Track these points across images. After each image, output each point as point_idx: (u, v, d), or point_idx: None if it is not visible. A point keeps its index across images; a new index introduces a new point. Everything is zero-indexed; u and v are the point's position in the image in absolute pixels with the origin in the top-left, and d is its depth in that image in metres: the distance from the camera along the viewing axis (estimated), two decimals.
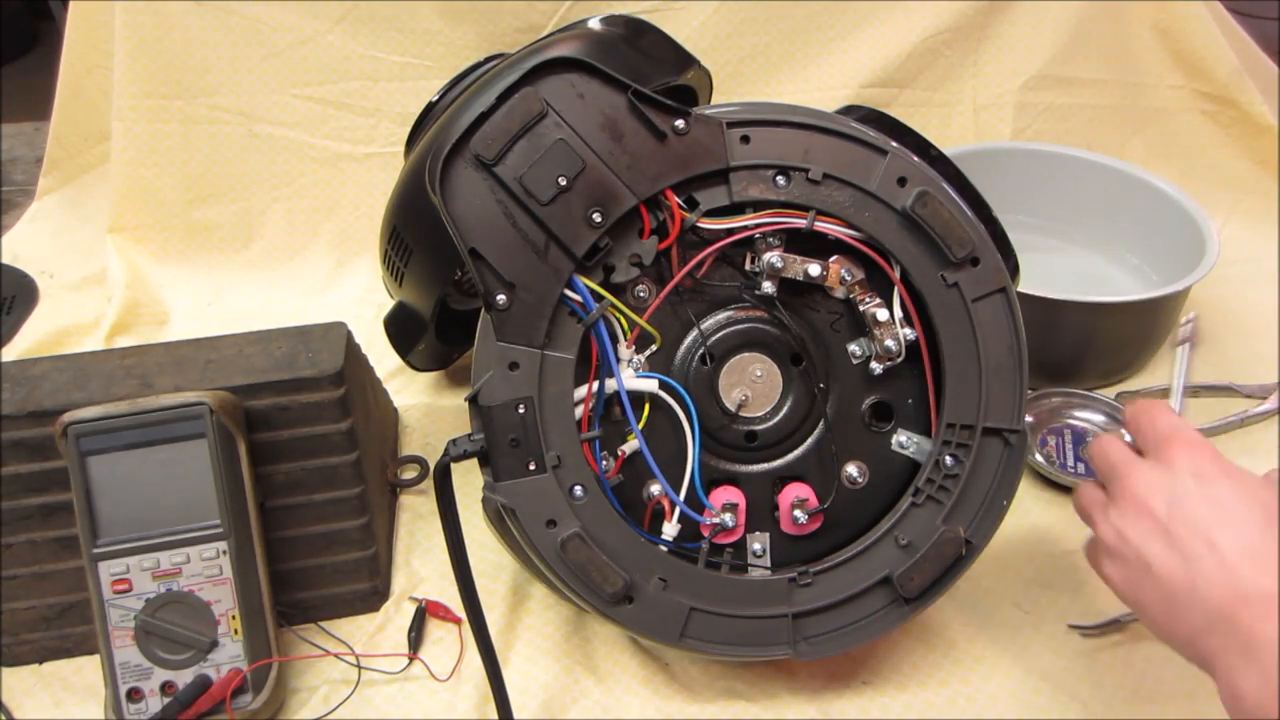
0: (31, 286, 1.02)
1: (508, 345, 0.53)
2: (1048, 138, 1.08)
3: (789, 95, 1.06)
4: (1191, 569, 0.46)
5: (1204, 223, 0.87)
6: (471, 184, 0.52)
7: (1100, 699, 0.61)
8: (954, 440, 0.58)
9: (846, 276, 0.57)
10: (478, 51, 1.00)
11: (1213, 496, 0.47)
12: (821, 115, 0.57)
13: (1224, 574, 0.45)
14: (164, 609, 0.58)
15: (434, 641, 0.66)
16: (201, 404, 0.58)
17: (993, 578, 0.69)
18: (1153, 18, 1.09)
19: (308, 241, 1.04)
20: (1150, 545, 0.48)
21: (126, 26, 0.99)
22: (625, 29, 0.72)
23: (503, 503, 0.54)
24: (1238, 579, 0.44)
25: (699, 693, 0.62)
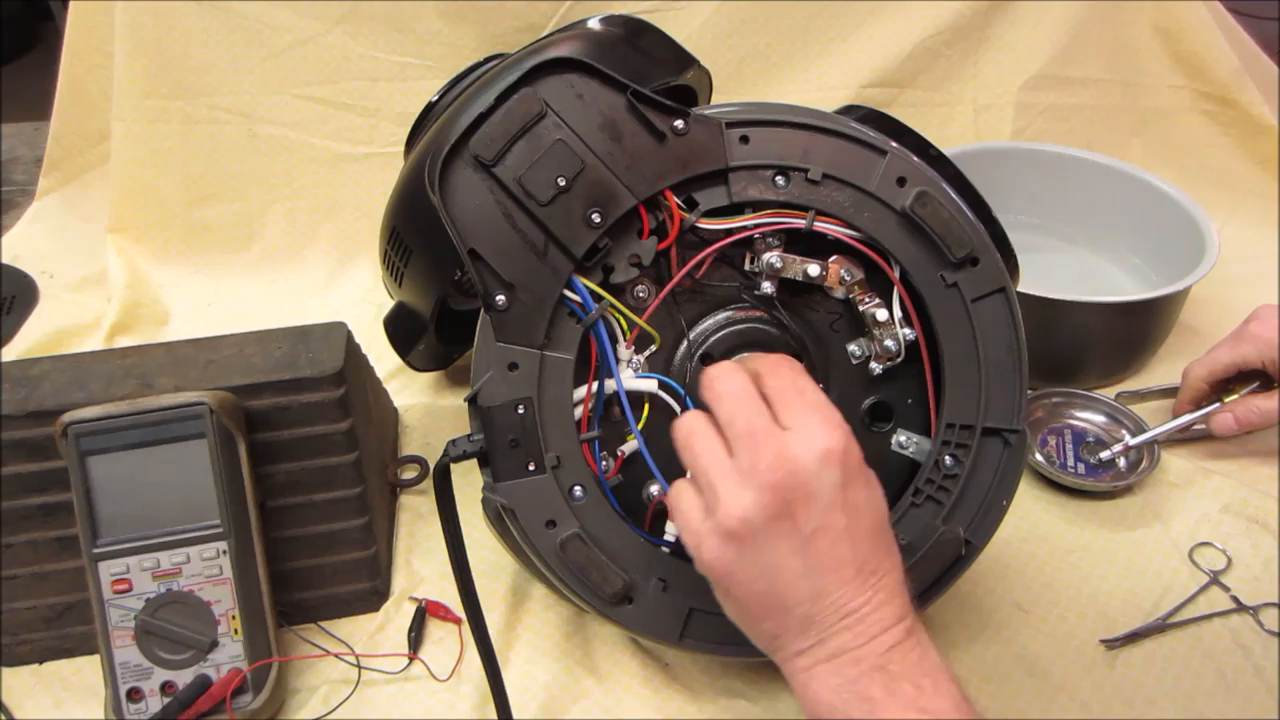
0: (31, 286, 1.02)
1: (507, 346, 0.53)
2: (1048, 138, 1.08)
3: (789, 95, 1.06)
4: (815, 580, 0.45)
5: (1204, 223, 0.87)
6: (471, 184, 0.52)
7: (1100, 699, 0.61)
8: (954, 440, 0.58)
9: (846, 276, 0.57)
10: (478, 51, 1.00)
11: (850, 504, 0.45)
12: (821, 115, 0.57)
13: (842, 591, 0.45)
14: (164, 609, 0.58)
15: (434, 641, 0.66)
16: (201, 404, 0.58)
17: (993, 578, 0.69)
18: (1153, 18, 1.09)
19: (308, 241, 1.04)
20: (782, 547, 0.45)
21: (126, 26, 0.99)
22: (625, 29, 0.72)
23: (502, 503, 0.54)
24: (850, 595, 0.45)
25: (699, 693, 0.62)
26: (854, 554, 0.45)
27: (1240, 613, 0.66)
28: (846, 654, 0.45)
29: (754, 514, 0.44)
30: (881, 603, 0.45)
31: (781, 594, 0.45)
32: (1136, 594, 0.68)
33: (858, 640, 0.45)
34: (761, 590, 0.45)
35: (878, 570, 0.46)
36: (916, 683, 0.44)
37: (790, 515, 0.44)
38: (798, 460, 0.45)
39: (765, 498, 0.44)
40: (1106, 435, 0.80)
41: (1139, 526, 0.73)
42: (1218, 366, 0.76)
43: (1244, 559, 0.70)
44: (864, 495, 0.46)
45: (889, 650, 0.45)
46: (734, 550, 0.45)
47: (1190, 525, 0.73)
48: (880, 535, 0.47)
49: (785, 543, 0.45)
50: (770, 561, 0.45)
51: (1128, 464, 0.77)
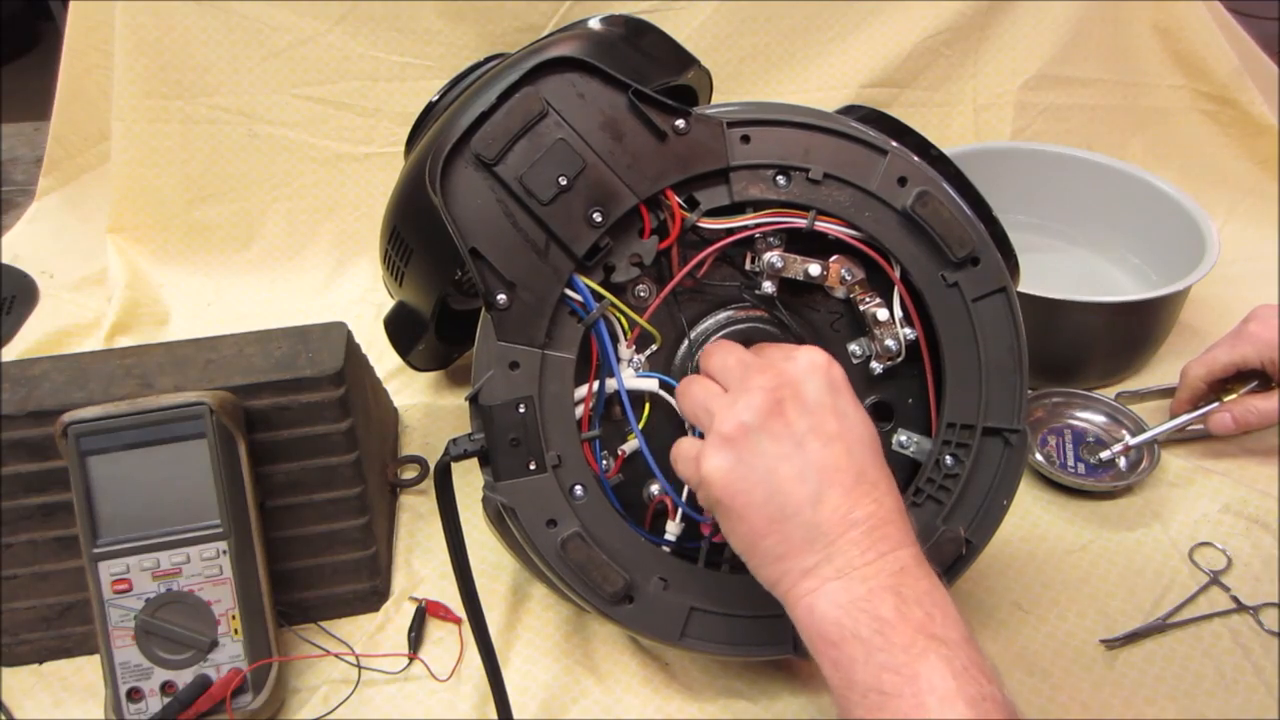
0: (31, 286, 1.02)
1: (508, 345, 0.53)
2: (1048, 138, 1.08)
3: (789, 95, 1.06)
4: (814, 483, 0.45)
5: (1204, 223, 0.87)
6: (472, 184, 0.52)
7: (1100, 699, 0.61)
8: (954, 440, 0.58)
9: (846, 276, 0.57)
10: (478, 51, 1.00)
11: (840, 411, 0.46)
12: (821, 115, 0.57)
13: (842, 497, 0.44)
14: (164, 609, 0.58)
15: (434, 641, 0.66)
16: (201, 404, 0.58)
17: (993, 578, 0.69)
18: (1153, 18, 1.09)
19: (308, 241, 1.04)
20: (779, 449, 0.45)
21: (126, 26, 0.99)
22: (625, 29, 0.72)
23: (503, 502, 0.54)
24: (850, 504, 0.44)
25: (699, 693, 0.62)
26: (850, 460, 0.45)
27: (1240, 613, 0.66)
28: (855, 571, 0.43)
29: (747, 415, 0.46)
30: (886, 519, 0.45)
31: (782, 500, 0.45)
32: (1136, 594, 0.68)
33: (866, 556, 0.44)
34: (762, 498, 0.45)
35: (878, 484, 0.46)
36: (928, 610, 0.42)
37: (782, 413, 0.46)
38: (786, 369, 0.47)
39: (757, 399, 0.46)
40: (1106, 435, 0.80)
41: (1139, 526, 0.73)
42: (1216, 366, 0.76)
43: (1244, 559, 0.70)
44: (853, 408, 0.47)
45: (899, 572, 0.43)
46: (732, 456, 0.46)
47: (1190, 525, 0.73)
48: (876, 453, 0.47)
49: (780, 443, 0.45)
50: (767, 464, 0.45)
51: (1128, 464, 0.77)
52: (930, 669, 0.40)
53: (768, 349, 0.52)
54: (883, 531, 0.44)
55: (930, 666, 0.40)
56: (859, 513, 0.44)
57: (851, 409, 0.47)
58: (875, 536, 0.44)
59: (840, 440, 0.46)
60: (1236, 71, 1.08)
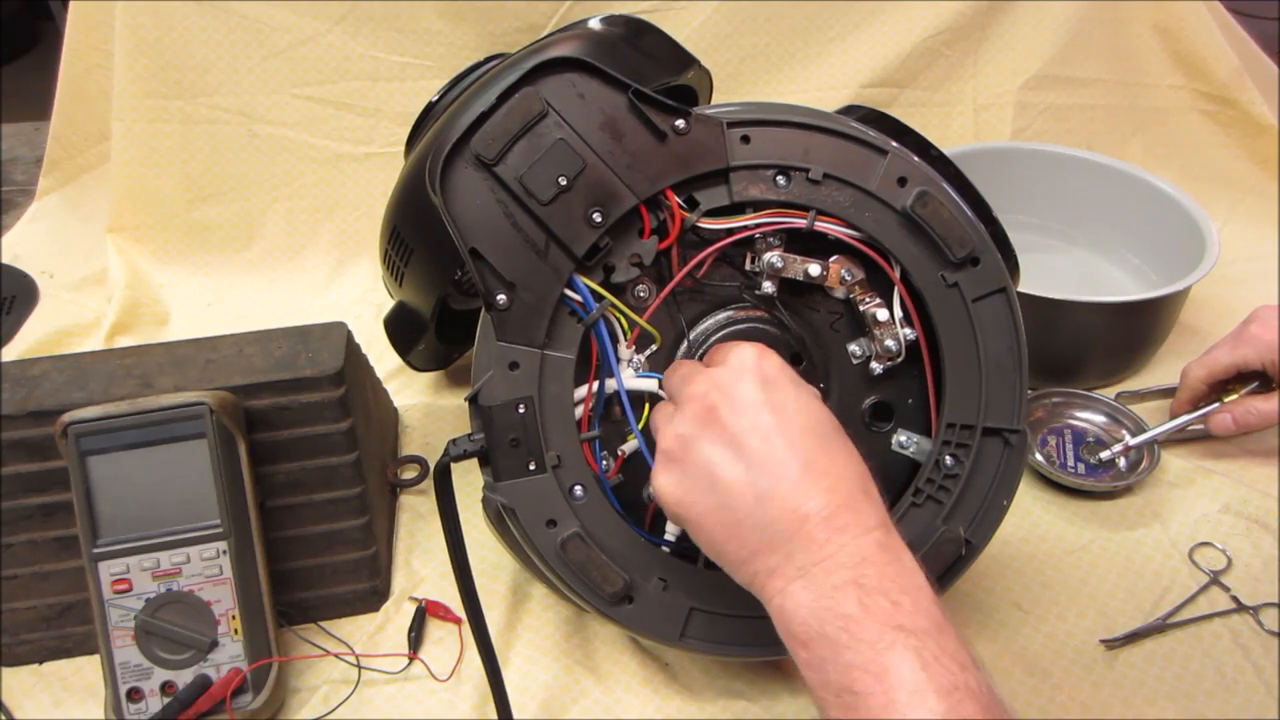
0: (31, 286, 1.02)
1: (508, 345, 0.53)
2: (1048, 138, 1.08)
3: (789, 95, 1.06)
4: (758, 483, 0.44)
5: (1204, 223, 0.87)
6: (472, 184, 0.52)
7: (1100, 699, 0.61)
8: (954, 440, 0.58)
9: (846, 276, 0.57)
10: (478, 51, 1.00)
11: (777, 404, 0.46)
12: (821, 115, 0.57)
13: (790, 490, 0.43)
14: (164, 609, 0.58)
15: (434, 641, 0.66)
16: (201, 404, 0.58)
17: (993, 578, 0.69)
18: (1153, 18, 1.09)
19: (308, 241, 1.04)
20: (716, 452, 0.45)
21: (126, 26, 0.99)
22: (625, 29, 0.72)
23: (503, 503, 0.54)
24: (799, 495, 0.43)
25: (699, 693, 0.62)
26: (793, 452, 0.44)
27: (1240, 613, 0.66)
28: (815, 566, 0.42)
29: (683, 427, 0.46)
30: (842, 504, 0.43)
31: (732, 505, 0.44)
32: (1136, 594, 0.68)
33: (825, 550, 0.42)
34: (712, 506, 0.45)
35: (828, 472, 0.44)
36: (894, 599, 0.41)
37: (715, 420, 0.46)
38: (715, 377, 0.47)
39: (689, 409, 0.47)
40: (1106, 435, 0.80)
41: (1139, 526, 0.73)
42: (1217, 368, 0.76)
43: (1244, 559, 0.70)
44: (792, 396, 0.46)
45: (861, 562, 0.42)
46: (676, 471, 0.47)
47: (1190, 525, 0.73)
48: (824, 438, 0.46)
49: (718, 448, 0.45)
50: (709, 472, 0.45)
51: (1128, 464, 0.77)
52: (899, 662, 0.39)
53: (711, 353, 0.51)
54: (839, 521, 0.43)
55: (898, 659, 0.39)
56: (810, 505, 0.43)
57: (791, 400, 0.46)
58: (831, 527, 0.43)
59: (779, 434, 0.45)
60: (1236, 71, 1.08)
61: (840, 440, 0.47)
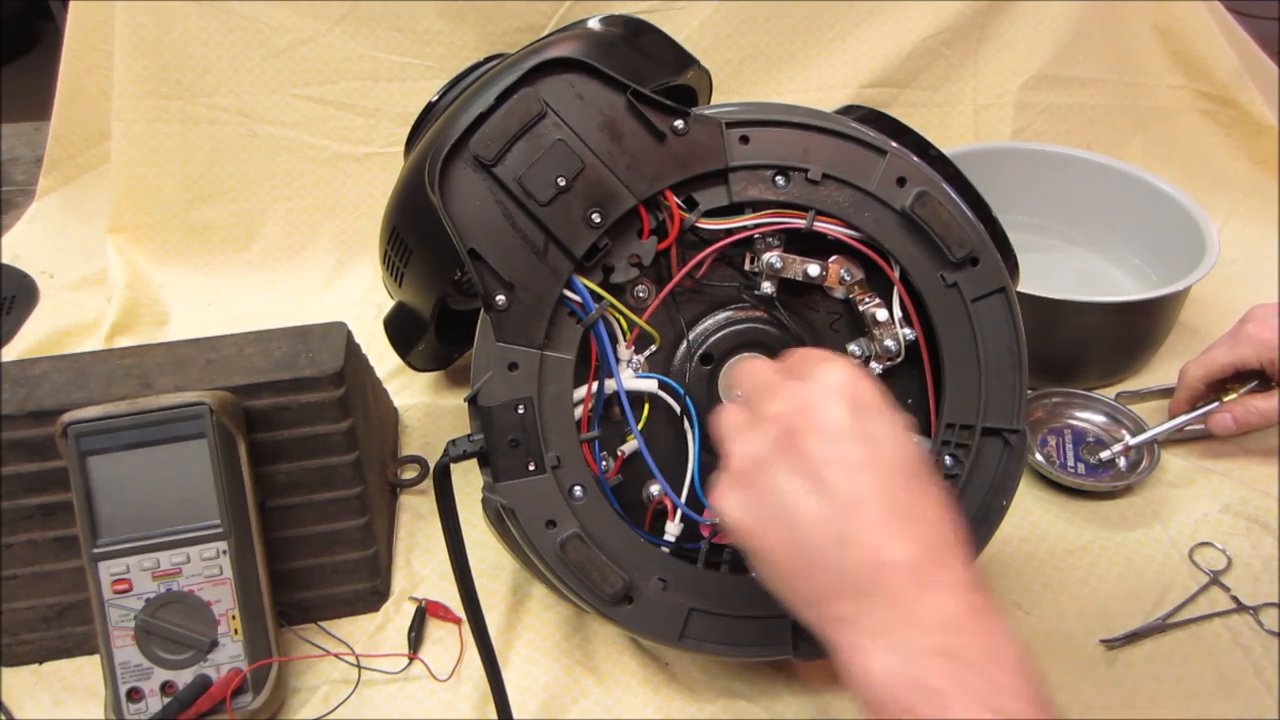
0: (31, 286, 1.02)
1: (507, 346, 0.53)
2: (1048, 138, 1.08)
3: (789, 95, 1.06)
4: (837, 523, 0.39)
5: (1204, 223, 0.87)
6: (471, 184, 0.52)
7: (1100, 699, 0.61)
8: (954, 440, 0.58)
9: (846, 276, 0.57)
10: (478, 51, 1.00)
11: (868, 436, 0.41)
12: (821, 115, 0.57)
13: (872, 536, 0.39)
14: (164, 609, 0.58)
15: (434, 641, 0.66)
16: (201, 404, 0.58)
17: (993, 578, 0.69)
18: (1153, 18, 1.09)
19: (308, 241, 1.04)
20: (792, 483, 0.40)
21: (126, 26, 0.99)
22: (625, 29, 0.72)
23: (502, 503, 0.54)
24: (884, 542, 0.39)
25: (699, 693, 0.62)
26: (880, 492, 0.40)
27: (1240, 613, 0.66)
28: (898, 628, 0.38)
29: (759, 448, 0.41)
30: (928, 559, 0.39)
31: (804, 540, 0.40)
32: (1136, 594, 0.68)
33: (908, 609, 0.38)
34: (784, 538, 0.40)
35: (917, 519, 0.39)
36: (990, 676, 0.37)
37: (796, 447, 0.41)
38: (801, 395, 0.42)
39: (768, 428, 0.41)
40: (1106, 435, 0.80)
41: (1139, 526, 0.73)
42: (1215, 368, 0.76)
43: (1244, 559, 0.70)
44: (885, 427, 0.41)
45: (950, 628, 0.37)
46: (746, 495, 0.42)
47: (1190, 525, 0.73)
48: (914, 478, 0.41)
49: (796, 478, 0.40)
50: (783, 502, 0.40)
51: (1128, 464, 0.77)
52: None
53: (795, 362, 0.46)
54: (927, 576, 0.38)
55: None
56: (895, 554, 0.39)
57: (884, 431, 0.41)
58: (918, 583, 0.38)
59: (867, 469, 0.40)
60: (1236, 71, 1.08)
61: (930, 481, 0.42)
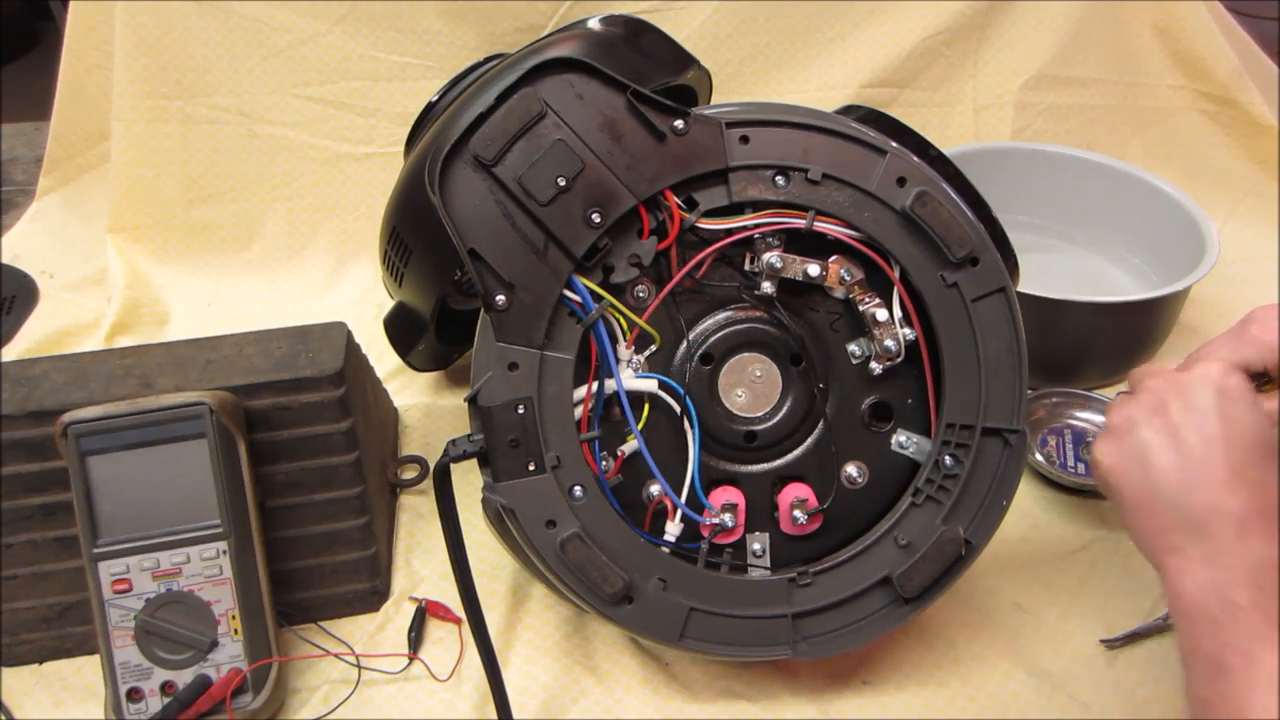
0: (31, 286, 1.02)
1: (507, 346, 0.53)
2: (1048, 138, 1.08)
3: (789, 95, 1.06)
4: (1186, 472, 0.49)
5: (1204, 223, 0.87)
6: (471, 184, 0.52)
7: (1100, 700, 0.61)
8: (954, 440, 0.58)
9: (846, 276, 0.57)
10: (478, 51, 1.00)
11: (1230, 419, 0.49)
12: (821, 115, 0.57)
13: (1215, 485, 0.48)
14: (164, 609, 0.58)
15: (434, 641, 0.66)
16: (201, 404, 0.58)
17: (993, 578, 0.69)
18: (1153, 18, 1.09)
19: (308, 241, 1.04)
20: (1156, 439, 0.50)
21: (126, 26, 0.99)
22: (625, 29, 0.72)
23: (502, 503, 0.54)
24: (1222, 493, 0.47)
25: (699, 693, 0.62)
26: (1228, 457, 0.48)
27: None
28: (1219, 557, 0.46)
29: (1133, 410, 0.52)
30: (1256, 515, 0.47)
31: (1156, 484, 0.49)
32: (1136, 594, 0.68)
33: (1230, 547, 0.46)
34: (1138, 480, 0.50)
35: (1256, 485, 0.48)
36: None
37: (1165, 413, 0.50)
38: (1177, 379, 0.52)
39: (1143, 398, 0.52)
40: None
41: None
42: None
43: None
44: (1245, 412, 0.50)
45: (1260, 567, 0.46)
46: (1115, 444, 0.52)
47: None
48: (1264, 455, 0.49)
49: (1160, 436, 0.50)
50: (1145, 452, 0.50)
51: None
52: (1268, 654, 0.43)
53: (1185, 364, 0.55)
54: (1252, 525, 0.47)
55: (1268, 651, 0.44)
56: (1230, 506, 0.47)
57: (1243, 414, 0.50)
58: (1244, 530, 0.46)
59: (1221, 440, 0.49)
60: (1236, 71, 1.08)
61: (1275, 463, 0.49)
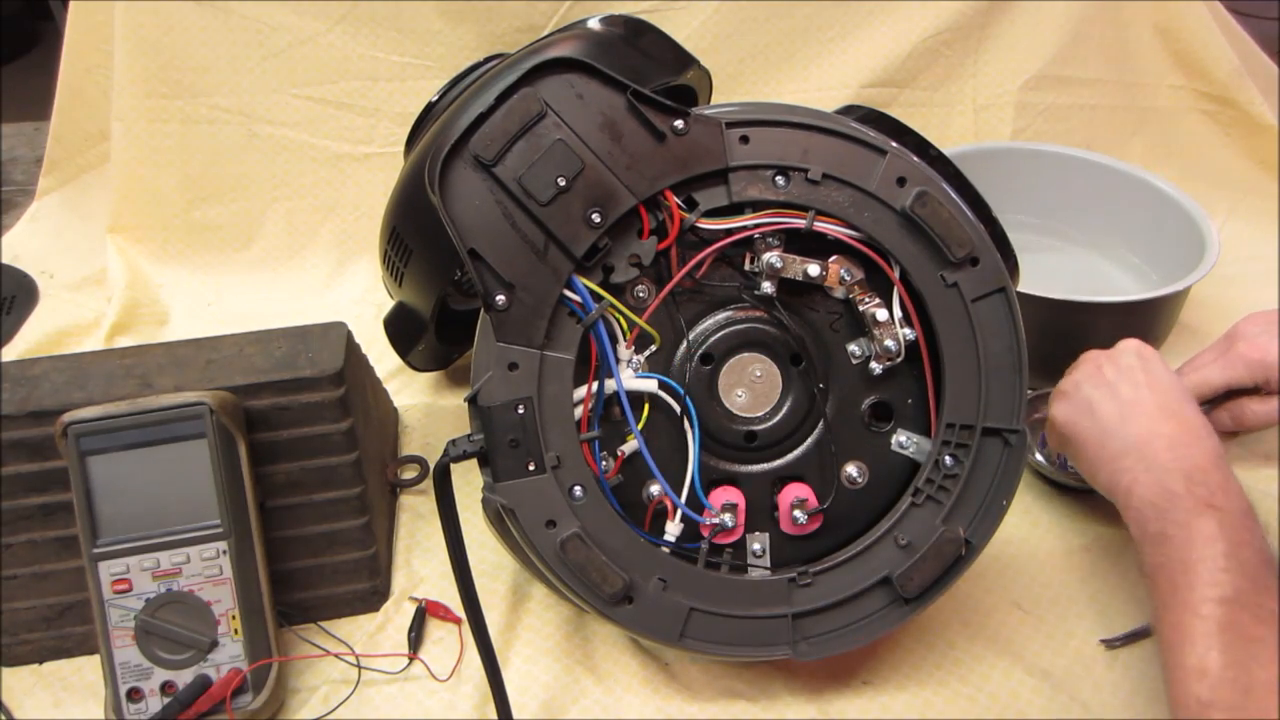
0: (31, 286, 1.02)
1: (507, 346, 0.53)
2: (1048, 138, 1.08)
3: (789, 95, 1.06)
4: (1125, 411, 0.61)
5: (1204, 223, 0.87)
6: (471, 184, 0.52)
7: (1100, 699, 0.61)
8: (954, 440, 0.58)
9: (846, 276, 0.57)
10: (478, 51, 1.00)
11: (1151, 372, 0.62)
12: (821, 115, 0.57)
13: (1146, 419, 0.60)
14: (164, 609, 0.58)
15: (434, 641, 0.66)
16: (201, 404, 0.58)
17: (993, 577, 0.69)
18: (1153, 18, 1.09)
19: (308, 241, 1.04)
20: (1097, 392, 0.63)
21: (126, 26, 0.99)
22: (625, 29, 0.72)
23: (502, 503, 0.54)
24: (1155, 423, 0.59)
25: (699, 693, 0.62)
26: (1154, 396, 0.60)
27: None
28: (1158, 466, 0.57)
29: (1077, 375, 0.65)
30: (1186, 435, 0.58)
31: (1102, 424, 0.61)
32: (1136, 594, 0.68)
33: (1166, 456, 0.57)
34: (1088, 426, 0.62)
35: (1182, 415, 0.59)
36: (1211, 489, 0.55)
37: (1099, 372, 0.64)
38: (1106, 351, 0.66)
39: (1084, 365, 0.66)
40: None
41: None
42: (1207, 389, 0.73)
43: None
44: (1160, 368, 0.63)
45: (1192, 467, 0.56)
46: (1066, 404, 0.65)
47: None
48: (1181, 395, 0.61)
49: (1099, 389, 0.63)
50: (1089, 404, 0.63)
51: None
52: (1203, 521, 0.53)
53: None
54: (1181, 443, 0.58)
55: (1203, 520, 0.53)
56: (1161, 430, 0.59)
57: (1159, 370, 0.63)
58: (1176, 445, 0.57)
59: (1146, 385, 0.61)
60: (1236, 71, 1.08)
61: (1192, 402, 0.61)
